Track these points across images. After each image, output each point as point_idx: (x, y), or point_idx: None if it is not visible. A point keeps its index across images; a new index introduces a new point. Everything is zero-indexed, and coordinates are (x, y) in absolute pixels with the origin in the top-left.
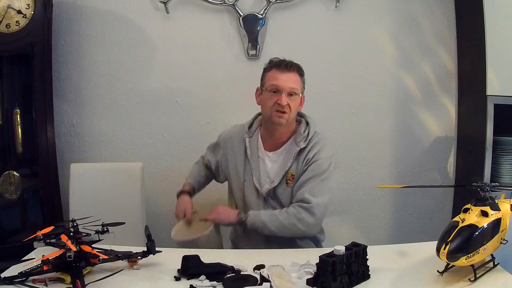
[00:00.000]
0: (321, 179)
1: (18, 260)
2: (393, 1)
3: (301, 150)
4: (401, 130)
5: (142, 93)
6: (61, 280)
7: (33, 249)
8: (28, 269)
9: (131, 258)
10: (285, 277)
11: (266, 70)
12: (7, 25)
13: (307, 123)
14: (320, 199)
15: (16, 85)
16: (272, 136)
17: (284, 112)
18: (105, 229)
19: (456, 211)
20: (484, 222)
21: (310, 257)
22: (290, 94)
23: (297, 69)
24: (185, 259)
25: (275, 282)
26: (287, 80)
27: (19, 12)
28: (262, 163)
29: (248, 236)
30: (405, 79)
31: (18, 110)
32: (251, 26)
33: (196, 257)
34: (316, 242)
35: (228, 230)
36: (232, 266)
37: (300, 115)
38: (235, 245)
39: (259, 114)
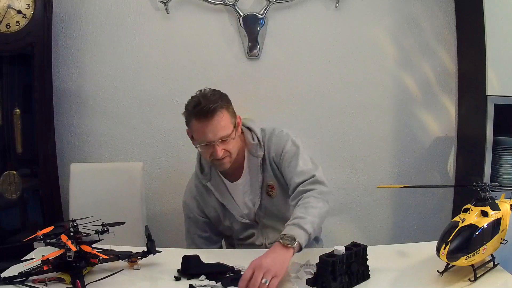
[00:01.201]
0: (298, 158)
1: (18, 260)
2: (393, 1)
3: (263, 158)
4: (401, 130)
5: (142, 93)
6: (61, 280)
7: (33, 249)
8: (28, 269)
9: (131, 258)
10: (285, 276)
11: (187, 118)
12: (7, 25)
13: (249, 129)
14: (313, 168)
15: (16, 85)
16: (227, 169)
17: (224, 158)
18: (105, 229)
19: (456, 211)
20: (484, 222)
21: (310, 257)
22: (223, 140)
23: (221, 107)
24: (185, 259)
25: None
26: (213, 130)
27: (19, 12)
28: (238, 196)
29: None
30: (405, 79)
31: (18, 110)
32: (251, 26)
33: (196, 257)
34: (317, 240)
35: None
36: (232, 266)
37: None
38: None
39: (199, 153)
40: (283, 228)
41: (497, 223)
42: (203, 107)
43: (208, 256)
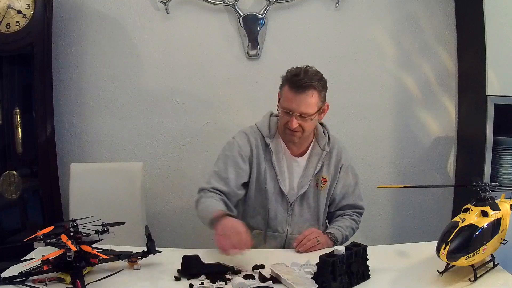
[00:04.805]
0: (359, 185)
1: (18, 260)
2: (393, 1)
3: (328, 153)
4: (401, 130)
5: (142, 93)
6: (61, 280)
7: (33, 249)
8: (28, 269)
9: (131, 258)
10: (293, 273)
11: (283, 82)
12: (7, 25)
13: (322, 124)
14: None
15: (16, 85)
16: (294, 143)
17: (295, 131)
18: (105, 229)
19: (456, 211)
20: (484, 222)
21: (310, 257)
22: (302, 116)
23: (314, 87)
24: (185, 259)
25: (288, 279)
26: (299, 103)
27: (19, 12)
28: (290, 168)
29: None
30: (405, 79)
31: (18, 110)
32: (251, 26)
33: (196, 257)
34: None
35: None
36: (232, 266)
37: None
38: None
39: (271, 114)
40: (311, 223)
41: (497, 223)
42: (300, 79)
43: (208, 256)
